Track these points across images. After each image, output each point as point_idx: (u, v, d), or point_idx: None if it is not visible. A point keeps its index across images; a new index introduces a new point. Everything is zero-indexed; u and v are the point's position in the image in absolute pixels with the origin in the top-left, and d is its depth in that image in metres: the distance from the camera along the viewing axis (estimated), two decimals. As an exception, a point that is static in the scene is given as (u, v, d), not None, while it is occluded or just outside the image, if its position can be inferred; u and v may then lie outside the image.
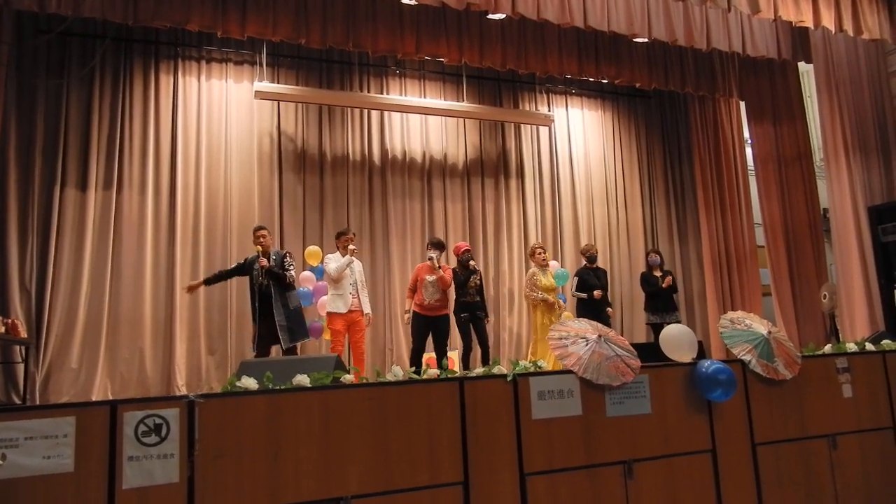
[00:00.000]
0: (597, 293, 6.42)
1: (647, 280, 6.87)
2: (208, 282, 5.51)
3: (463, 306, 5.85)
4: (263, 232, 5.43)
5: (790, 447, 3.39)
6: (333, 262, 5.60)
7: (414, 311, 5.68)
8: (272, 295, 5.20)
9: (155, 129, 6.73)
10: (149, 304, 6.39)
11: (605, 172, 8.78)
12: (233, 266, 5.56)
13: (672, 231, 8.89)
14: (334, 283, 5.57)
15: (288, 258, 5.38)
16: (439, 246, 5.85)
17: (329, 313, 5.58)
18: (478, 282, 5.96)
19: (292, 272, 5.32)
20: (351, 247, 5.62)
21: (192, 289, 5.52)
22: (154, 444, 2.29)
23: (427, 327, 5.64)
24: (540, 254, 6.33)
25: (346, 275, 5.58)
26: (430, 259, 5.70)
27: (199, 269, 6.57)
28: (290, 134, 7.33)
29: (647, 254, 7.20)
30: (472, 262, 5.90)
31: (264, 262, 5.22)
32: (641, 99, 9.14)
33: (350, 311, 5.52)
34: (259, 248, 5.31)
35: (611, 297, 7.91)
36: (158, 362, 6.34)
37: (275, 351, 5.36)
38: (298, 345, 5.35)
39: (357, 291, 5.63)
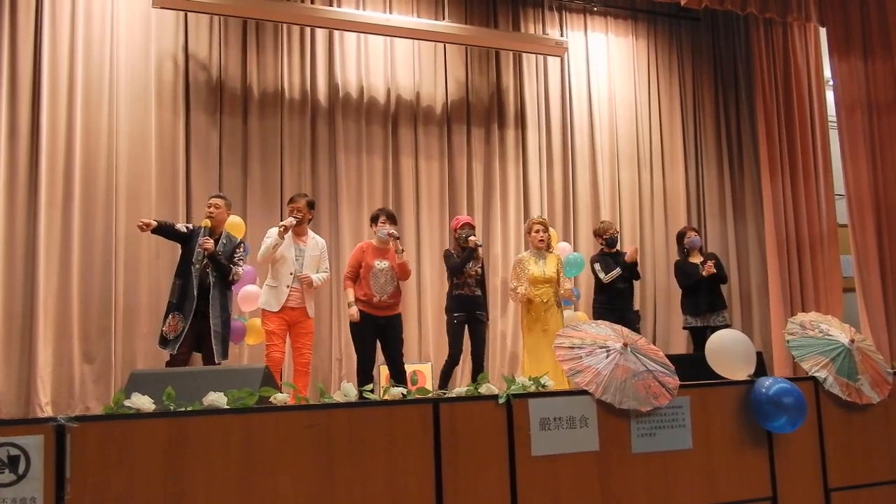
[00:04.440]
0: (630, 252, 6.54)
1: (683, 269, 6.95)
2: (157, 228, 5.34)
3: (458, 302, 5.89)
4: (216, 201, 5.47)
5: (876, 494, 3.47)
6: (268, 239, 5.59)
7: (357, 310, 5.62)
8: (210, 290, 5.24)
9: (10, 48, 6.57)
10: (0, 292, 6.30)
11: (635, 122, 8.80)
12: (180, 227, 5.45)
13: (724, 203, 8.98)
14: (271, 268, 5.59)
15: (240, 251, 5.47)
16: (393, 218, 5.84)
17: (262, 310, 5.66)
18: (479, 269, 6.01)
19: (240, 269, 5.43)
20: (287, 220, 5.56)
21: (145, 226, 5.28)
22: (8, 485, 2.26)
23: (375, 332, 5.62)
24: (538, 232, 6.28)
25: (285, 259, 5.54)
26: (392, 237, 5.63)
27: (71, 244, 6.50)
28: (201, 59, 7.22)
29: (683, 233, 7.13)
30: (472, 239, 5.94)
31: (209, 244, 5.22)
32: (687, 22, 9.14)
33: (288, 309, 5.51)
34: (207, 222, 5.32)
35: (640, 295, 7.98)
36: (13, 371, 6.27)
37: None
38: None
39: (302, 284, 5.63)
